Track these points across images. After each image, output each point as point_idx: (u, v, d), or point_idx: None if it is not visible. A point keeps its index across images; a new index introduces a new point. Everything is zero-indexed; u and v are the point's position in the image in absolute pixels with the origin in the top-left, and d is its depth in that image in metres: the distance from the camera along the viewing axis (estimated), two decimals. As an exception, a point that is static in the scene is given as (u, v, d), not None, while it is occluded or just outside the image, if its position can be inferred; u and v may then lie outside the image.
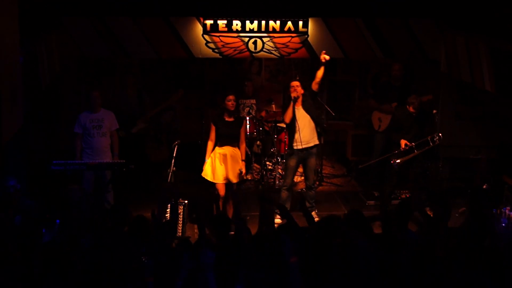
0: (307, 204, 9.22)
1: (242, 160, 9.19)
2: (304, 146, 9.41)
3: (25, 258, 5.40)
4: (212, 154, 9.10)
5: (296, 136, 9.36)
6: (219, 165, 9.05)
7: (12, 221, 6.80)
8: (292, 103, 9.34)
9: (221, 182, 9.08)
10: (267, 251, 5.50)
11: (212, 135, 9.10)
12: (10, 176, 7.45)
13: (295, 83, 9.42)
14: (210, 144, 9.13)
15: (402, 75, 10.80)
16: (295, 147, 9.44)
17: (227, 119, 9.10)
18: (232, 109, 9.06)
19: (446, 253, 5.62)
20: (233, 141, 9.13)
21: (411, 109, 9.62)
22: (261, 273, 5.25)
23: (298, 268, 5.06)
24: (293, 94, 9.36)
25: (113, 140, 9.60)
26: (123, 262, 5.51)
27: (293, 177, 9.70)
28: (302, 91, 9.39)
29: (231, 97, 9.04)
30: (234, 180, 9.08)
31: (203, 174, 9.11)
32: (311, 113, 9.48)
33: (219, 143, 9.12)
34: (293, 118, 9.37)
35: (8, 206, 7.07)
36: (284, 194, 9.50)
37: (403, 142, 9.58)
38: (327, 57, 9.21)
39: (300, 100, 9.41)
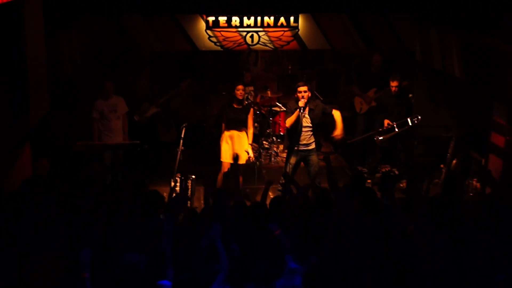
0: None
1: (250, 144, 9.33)
2: (303, 148, 8.81)
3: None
4: (222, 137, 9.32)
5: (296, 138, 8.73)
6: (226, 146, 9.23)
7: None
8: (298, 111, 8.57)
9: (227, 161, 9.19)
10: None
11: (224, 119, 9.28)
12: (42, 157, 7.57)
13: (303, 88, 8.52)
14: (223, 126, 9.32)
15: (382, 64, 10.92)
16: (295, 148, 8.81)
17: (235, 106, 9.23)
18: (241, 98, 9.19)
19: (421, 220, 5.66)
20: (239, 126, 9.24)
21: (392, 89, 9.77)
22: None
23: (284, 238, 5.08)
24: (301, 103, 8.51)
25: (124, 122, 9.78)
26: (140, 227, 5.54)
27: (293, 173, 8.80)
28: (309, 94, 8.63)
29: (240, 87, 9.18)
30: (239, 161, 8.88)
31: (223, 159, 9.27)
32: (314, 123, 8.74)
33: (227, 127, 9.27)
34: (296, 122, 8.65)
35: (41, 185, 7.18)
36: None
37: (386, 122, 9.72)
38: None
39: (307, 107, 8.67)
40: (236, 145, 9.22)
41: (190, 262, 4.98)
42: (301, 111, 8.61)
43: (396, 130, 9.68)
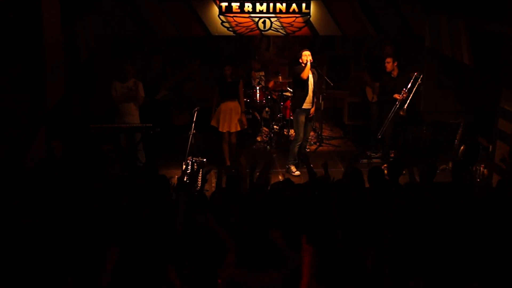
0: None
1: (242, 112, 9.85)
2: (309, 106, 9.64)
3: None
4: (218, 109, 9.76)
5: (307, 97, 9.54)
6: (224, 118, 9.69)
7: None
8: (308, 64, 9.34)
9: (226, 131, 9.71)
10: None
11: (216, 93, 9.79)
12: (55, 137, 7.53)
13: (307, 53, 9.43)
14: (214, 100, 9.86)
15: (393, 55, 10.76)
16: (304, 107, 9.60)
17: (226, 80, 9.74)
18: (227, 77, 9.75)
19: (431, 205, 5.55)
20: (232, 97, 9.76)
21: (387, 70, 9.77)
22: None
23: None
24: (310, 59, 9.38)
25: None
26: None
27: (304, 132, 9.80)
28: (312, 60, 9.43)
29: (226, 68, 9.77)
30: (235, 129, 9.79)
31: (212, 123, 9.80)
32: (314, 84, 9.66)
33: (221, 100, 9.74)
34: (307, 81, 9.48)
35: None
36: (297, 149, 9.76)
37: (396, 96, 9.51)
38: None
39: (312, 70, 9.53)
40: (232, 115, 9.72)
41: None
42: (312, 65, 9.40)
43: (410, 95, 9.52)
